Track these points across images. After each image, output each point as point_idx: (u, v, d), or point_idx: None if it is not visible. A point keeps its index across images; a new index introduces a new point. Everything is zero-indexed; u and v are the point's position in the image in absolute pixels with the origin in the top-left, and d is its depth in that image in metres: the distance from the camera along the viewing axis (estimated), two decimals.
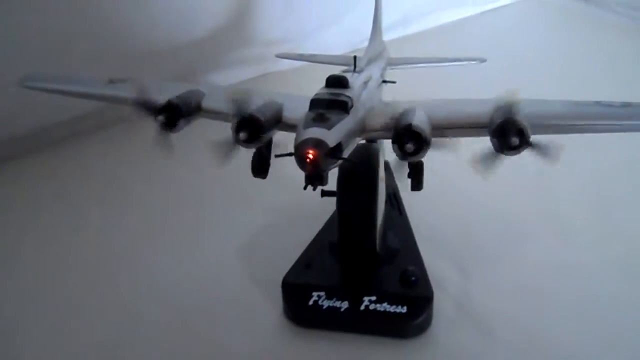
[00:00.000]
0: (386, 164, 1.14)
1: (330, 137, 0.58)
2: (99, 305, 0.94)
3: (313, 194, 0.86)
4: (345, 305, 0.86)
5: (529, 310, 0.89)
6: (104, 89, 0.87)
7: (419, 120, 0.63)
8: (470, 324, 0.86)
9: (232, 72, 1.90)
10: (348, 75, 0.74)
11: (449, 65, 1.20)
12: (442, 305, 0.89)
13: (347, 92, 0.67)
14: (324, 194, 0.88)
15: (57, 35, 1.40)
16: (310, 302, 0.87)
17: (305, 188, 0.61)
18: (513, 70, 1.83)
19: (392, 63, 1.09)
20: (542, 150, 0.61)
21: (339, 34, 2.14)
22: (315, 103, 0.65)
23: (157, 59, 1.68)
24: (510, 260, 0.99)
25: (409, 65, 1.15)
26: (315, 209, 1.00)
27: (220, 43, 1.88)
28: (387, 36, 2.21)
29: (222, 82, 1.87)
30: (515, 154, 0.63)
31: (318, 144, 0.56)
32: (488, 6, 2.58)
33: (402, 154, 0.63)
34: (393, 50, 1.25)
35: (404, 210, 1.07)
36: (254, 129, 0.63)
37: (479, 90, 0.73)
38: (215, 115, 0.76)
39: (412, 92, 0.82)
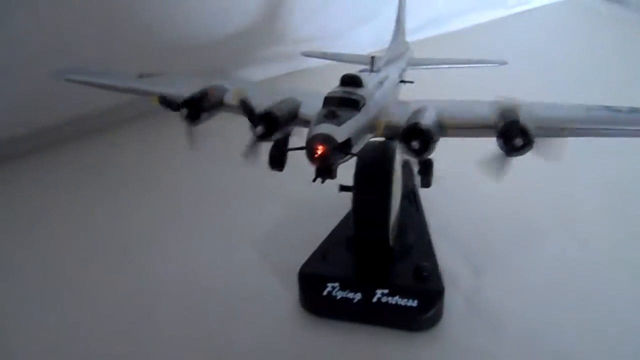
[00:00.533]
0: (407, 162, 1.16)
1: (339, 133, 0.61)
2: (120, 290, 0.99)
3: (333, 190, 0.91)
4: (358, 296, 0.88)
5: (539, 309, 0.90)
6: (134, 83, 0.92)
7: (427, 120, 0.65)
8: (480, 320, 0.88)
9: (262, 69, 1.94)
10: (364, 75, 0.77)
11: (470, 67, 1.21)
12: (453, 300, 0.91)
13: (360, 91, 0.70)
14: (342, 189, 0.91)
15: (94, 29, 1.46)
16: (325, 293, 0.90)
17: (314, 180, 0.64)
18: (541, 73, 1.83)
19: (414, 63, 1.11)
20: (546, 150, 0.63)
21: (371, 33, 2.16)
22: (328, 101, 0.68)
23: (189, 54, 1.74)
24: (524, 259, 1.00)
25: (431, 66, 1.16)
26: (335, 203, 1.03)
27: (252, 40, 1.93)
28: (416, 36, 2.24)
29: (251, 78, 1.92)
30: (520, 154, 0.64)
31: (327, 139, 0.59)
32: (520, 8, 2.56)
33: (409, 152, 0.66)
34: (422, 50, 1.27)
35: (421, 207, 1.09)
36: (270, 123, 0.67)
37: (502, 91, 0.75)
38: (237, 110, 0.79)
39: (435, 92, 0.84)
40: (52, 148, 1.50)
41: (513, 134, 0.64)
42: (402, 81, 0.97)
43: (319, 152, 0.59)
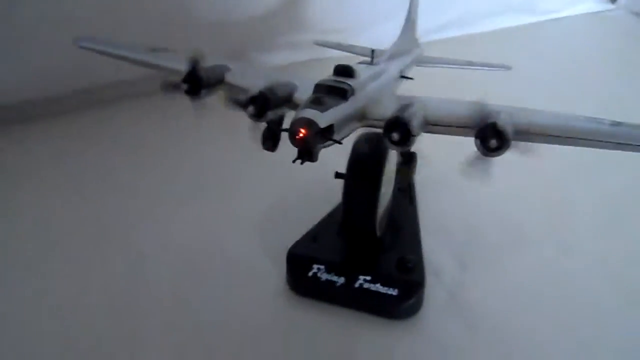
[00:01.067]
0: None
1: (322, 118, 0.63)
2: (110, 265, 1.03)
3: (331, 175, 0.94)
4: (341, 280, 0.91)
5: (517, 311, 0.91)
6: (145, 55, 0.95)
7: (410, 114, 0.67)
8: (458, 315, 0.90)
9: (281, 54, 1.97)
10: (360, 66, 0.79)
11: (476, 69, 1.21)
12: (435, 293, 0.93)
13: (351, 81, 0.72)
14: (337, 175, 0.93)
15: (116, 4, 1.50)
16: (310, 274, 0.93)
17: (294, 161, 0.66)
18: (558, 82, 1.82)
19: (420, 61, 1.12)
20: (521, 151, 0.65)
21: (395, 28, 2.17)
22: (317, 88, 0.70)
23: (211, 33, 1.77)
24: (510, 262, 1.02)
25: (437, 66, 1.17)
26: (332, 189, 1.05)
27: (274, 25, 1.95)
28: (438, 35, 2.24)
29: (270, 62, 1.95)
30: (496, 155, 0.66)
31: (309, 123, 0.62)
32: (550, 16, 2.54)
33: (389, 143, 0.68)
34: (443, 49, 1.28)
35: (415, 201, 1.11)
36: (262, 105, 0.69)
37: (511, 96, 0.76)
38: (236, 89, 0.82)
39: (444, 91, 0.85)
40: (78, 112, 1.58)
41: (489, 135, 0.65)
42: (402, 76, 0.99)
43: (300, 135, 0.61)
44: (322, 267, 0.93)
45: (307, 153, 0.64)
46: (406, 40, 1.11)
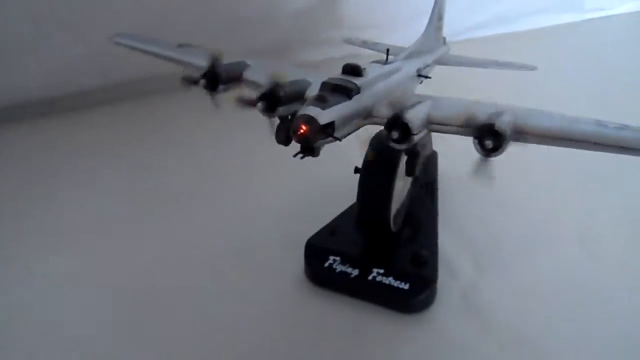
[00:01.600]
0: (432, 154, 1.19)
1: (323, 116, 0.65)
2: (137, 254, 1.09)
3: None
4: (355, 272, 0.94)
5: (531, 316, 0.90)
6: (172, 52, 0.99)
7: (412, 113, 0.69)
8: (469, 314, 0.91)
9: (319, 50, 2.00)
10: (372, 65, 0.81)
11: (501, 70, 1.20)
12: (448, 291, 0.94)
13: (357, 80, 0.74)
14: (356, 170, 0.96)
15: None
16: (326, 264, 0.96)
17: (295, 156, 0.69)
18: (596, 84, 1.77)
19: (445, 61, 1.12)
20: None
21: None
22: (323, 85, 0.73)
23: (251, 30, 1.82)
24: (529, 265, 1.01)
25: (463, 65, 1.17)
26: (353, 183, 1.08)
27: (312, 22, 1.99)
28: (479, 32, 2.22)
29: (310, 59, 1.98)
30: (493, 156, 0.68)
31: (310, 120, 0.64)
32: (598, 14, 2.46)
33: (390, 140, 0.70)
34: (480, 48, 1.27)
35: (436, 199, 1.12)
36: (272, 101, 0.72)
37: (533, 97, 0.75)
38: (253, 85, 0.85)
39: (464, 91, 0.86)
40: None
41: (485, 136, 0.67)
42: (419, 75, 1.00)
43: (301, 131, 0.64)
44: (337, 258, 0.96)
45: (308, 148, 0.66)
46: (429, 38, 1.11)
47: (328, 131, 0.66)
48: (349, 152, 0.87)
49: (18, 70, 1.55)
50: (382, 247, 0.98)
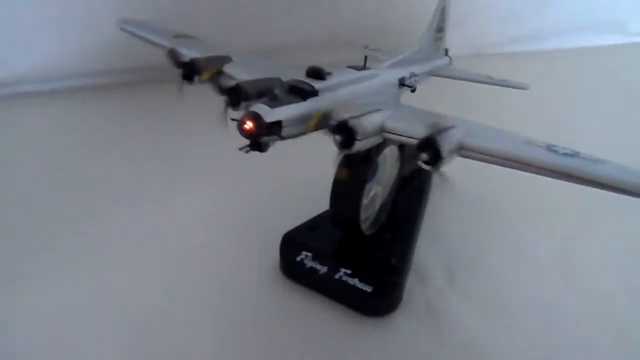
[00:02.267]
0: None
1: (269, 114, 0.67)
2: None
3: None
4: (324, 269, 0.95)
5: (493, 336, 0.89)
6: (167, 41, 1.02)
7: (362, 121, 0.71)
8: (431, 325, 0.90)
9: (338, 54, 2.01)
10: (343, 70, 0.84)
11: (495, 86, 1.17)
12: (415, 299, 0.95)
13: (317, 83, 0.75)
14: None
15: None
16: (298, 259, 0.97)
17: (241, 149, 0.70)
18: (614, 111, 1.71)
19: (438, 73, 1.12)
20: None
21: (462, 36, 2.14)
22: (281, 85, 0.74)
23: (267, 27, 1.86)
24: (502, 283, 1.00)
25: (457, 79, 1.16)
26: None
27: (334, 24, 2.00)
28: (510, 48, 2.18)
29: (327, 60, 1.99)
30: (432, 169, 0.69)
31: (256, 117, 0.66)
32: (637, 38, 2.37)
33: (335, 144, 0.71)
34: (509, 64, 1.25)
35: (423, 207, 1.13)
36: (237, 96, 0.74)
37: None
38: (232, 79, 0.87)
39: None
40: None
41: (423, 149, 0.68)
42: (403, 85, 0.99)
43: (246, 127, 0.66)
44: (309, 254, 0.97)
45: (255, 144, 0.68)
46: (424, 48, 1.11)
47: (274, 129, 0.67)
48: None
49: None
50: (355, 249, 0.99)
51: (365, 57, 0.91)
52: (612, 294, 0.98)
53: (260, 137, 0.67)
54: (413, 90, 1.07)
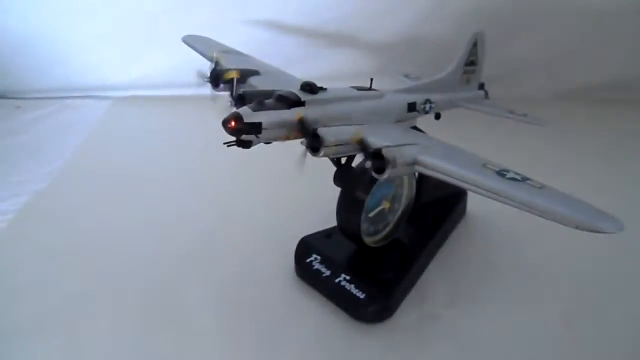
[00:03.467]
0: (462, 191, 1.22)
1: (251, 116, 0.76)
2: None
3: None
4: (327, 273, 1.03)
5: None
6: (211, 54, 1.12)
7: (330, 132, 0.79)
8: (417, 342, 0.93)
9: None
10: (342, 89, 0.91)
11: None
12: (409, 312, 0.99)
13: (307, 96, 0.83)
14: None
15: None
16: (308, 261, 1.07)
17: (225, 144, 0.80)
18: None
19: (460, 105, 1.16)
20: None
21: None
22: (273, 94, 0.83)
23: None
24: (499, 314, 1.00)
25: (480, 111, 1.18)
26: None
27: None
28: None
29: None
30: (378, 177, 0.77)
31: (237, 117, 0.76)
32: None
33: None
34: None
35: (443, 233, 1.18)
36: (243, 102, 0.84)
37: None
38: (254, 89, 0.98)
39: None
40: None
41: (371, 158, 0.76)
42: (411, 109, 1.03)
43: (229, 126, 0.76)
44: (318, 257, 1.06)
45: (240, 142, 0.79)
46: (450, 79, 1.14)
47: (254, 130, 0.77)
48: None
49: None
50: (361, 259, 1.05)
51: (372, 80, 0.97)
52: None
53: (239, 135, 0.77)
54: (437, 118, 1.12)
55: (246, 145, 0.79)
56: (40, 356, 0.92)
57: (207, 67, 1.03)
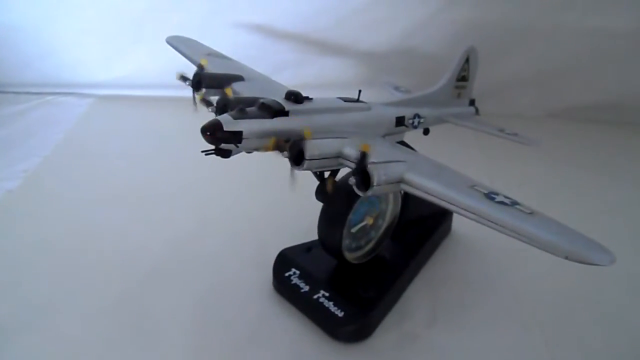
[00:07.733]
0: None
1: (230, 124, 0.72)
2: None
3: None
4: (306, 288, 0.99)
5: None
6: (199, 57, 1.09)
7: (314, 144, 0.75)
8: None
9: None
10: (328, 100, 0.88)
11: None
12: (389, 332, 0.96)
13: (290, 106, 0.80)
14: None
15: None
16: (286, 275, 1.03)
17: (202, 152, 0.75)
18: None
19: (449, 120, 1.13)
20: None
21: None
22: (256, 102, 0.79)
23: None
24: (479, 337, 0.97)
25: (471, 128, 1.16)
26: None
27: None
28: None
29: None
30: (362, 194, 0.74)
31: (217, 125, 0.72)
32: None
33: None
34: None
35: (426, 251, 1.14)
36: (225, 109, 0.81)
37: None
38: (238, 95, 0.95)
39: None
40: None
41: (355, 174, 0.73)
42: (399, 123, 1.00)
43: (207, 133, 0.71)
44: (297, 272, 1.02)
45: (219, 150, 0.74)
46: (441, 94, 1.11)
47: (233, 139, 0.73)
48: None
49: None
50: (341, 275, 1.02)
51: (359, 91, 0.94)
52: None
53: (217, 143, 0.73)
54: (426, 133, 1.09)
55: (225, 154, 0.75)
56: None
57: (192, 69, 0.99)
